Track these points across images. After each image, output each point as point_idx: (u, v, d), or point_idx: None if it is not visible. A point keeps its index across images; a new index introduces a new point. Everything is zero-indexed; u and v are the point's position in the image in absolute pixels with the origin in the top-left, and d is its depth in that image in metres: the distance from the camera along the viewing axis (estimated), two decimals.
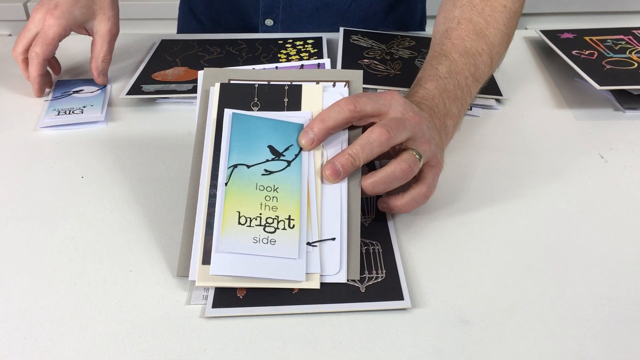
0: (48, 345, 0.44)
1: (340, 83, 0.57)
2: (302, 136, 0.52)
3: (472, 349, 0.44)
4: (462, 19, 0.68)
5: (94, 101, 0.76)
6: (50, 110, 0.74)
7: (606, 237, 0.55)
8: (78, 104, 0.75)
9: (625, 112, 0.74)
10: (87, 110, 0.74)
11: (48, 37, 0.75)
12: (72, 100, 0.77)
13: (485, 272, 0.51)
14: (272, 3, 0.95)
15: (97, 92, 0.78)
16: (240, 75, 0.58)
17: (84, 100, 0.76)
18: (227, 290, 0.48)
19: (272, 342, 0.44)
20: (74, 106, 0.75)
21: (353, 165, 0.51)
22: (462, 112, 0.63)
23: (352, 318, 0.46)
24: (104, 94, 0.78)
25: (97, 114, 0.73)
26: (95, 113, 0.73)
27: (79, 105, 0.75)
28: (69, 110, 0.74)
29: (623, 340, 0.45)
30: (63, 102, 0.76)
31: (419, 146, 0.53)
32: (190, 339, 0.45)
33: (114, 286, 0.49)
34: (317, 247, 0.49)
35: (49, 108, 0.75)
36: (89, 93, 0.78)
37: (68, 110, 0.74)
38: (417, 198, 0.54)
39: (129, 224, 0.56)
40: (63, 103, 0.76)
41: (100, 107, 0.74)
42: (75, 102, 0.76)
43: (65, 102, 0.76)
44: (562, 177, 0.62)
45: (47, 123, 0.71)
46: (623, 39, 0.86)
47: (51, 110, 0.74)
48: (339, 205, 0.51)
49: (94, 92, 0.78)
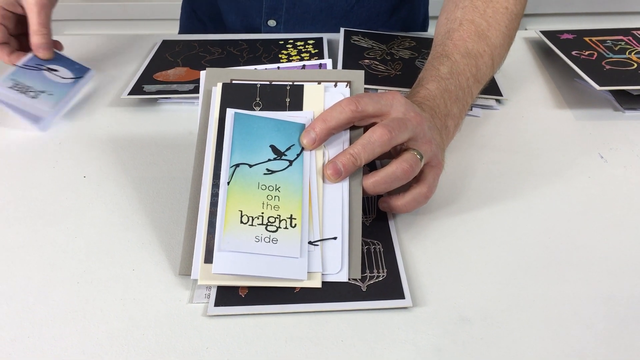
0: (51, 344, 0.44)
1: (342, 83, 0.57)
2: (303, 136, 0.53)
3: (473, 347, 0.44)
4: (464, 20, 0.68)
5: (57, 90, 0.70)
6: (8, 78, 0.70)
7: (606, 237, 0.55)
8: (39, 86, 0.70)
9: (625, 113, 0.74)
10: (40, 99, 0.68)
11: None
12: (39, 78, 0.71)
13: (486, 271, 0.51)
14: (275, 4, 0.95)
15: (70, 81, 0.73)
16: (242, 75, 0.58)
17: (49, 83, 0.71)
18: (229, 289, 0.48)
19: (273, 341, 0.44)
20: (33, 85, 0.69)
21: (354, 165, 0.51)
22: (463, 112, 0.63)
23: (353, 317, 0.46)
24: (74, 86, 0.73)
25: (41, 110, 0.67)
26: (42, 107, 0.67)
27: (39, 88, 0.70)
28: (25, 88, 0.68)
29: (623, 339, 0.45)
30: (28, 76, 0.70)
31: (420, 146, 0.53)
32: (193, 337, 0.45)
33: (117, 285, 0.49)
34: (318, 246, 0.50)
35: (10, 75, 0.70)
36: (61, 78, 0.72)
37: (24, 88, 0.68)
38: (417, 198, 0.54)
39: (131, 223, 0.56)
40: (28, 76, 0.70)
41: (54, 102, 0.69)
42: (40, 82, 0.70)
43: (31, 76, 0.70)
44: (562, 177, 0.63)
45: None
46: (623, 39, 0.86)
47: (10, 78, 0.70)
48: (341, 205, 0.52)
49: (67, 80, 0.73)
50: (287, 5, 0.95)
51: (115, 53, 0.89)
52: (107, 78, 0.82)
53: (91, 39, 0.95)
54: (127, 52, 0.90)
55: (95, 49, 0.91)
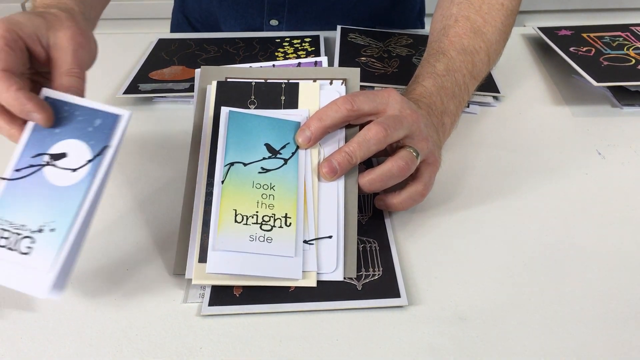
0: (44, 344, 0.44)
1: (338, 81, 0.57)
2: (299, 135, 0.52)
3: (469, 346, 0.44)
4: (459, 17, 0.68)
5: (61, 211, 0.44)
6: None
7: (604, 234, 0.54)
8: (36, 213, 0.44)
9: (622, 109, 0.73)
10: (36, 248, 0.43)
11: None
12: (36, 191, 0.45)
13: (482, 270, 0.51)
14: (277, 4, 0.94)
15: (84, 173, 0.45)
16: (237, 74, 0.57)
17: (52, 200, 0.44)
18: (224, 288, 0.48)
19: (268, 340, 0.44)
20: (27, 217, 0.44)
21: (350, 163, 0.51)
22: (459, 109, 0.63)
23: (348, 316, 0.46)
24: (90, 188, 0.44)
25: (42, 268, 0.42)
26: (40, 265, 0.42)
27: (36, 222, 0.44)
28: (15, 234, 0.44)
29: (621, 337, 0.45)
30: (20, 194, 0.45)
31: (416, 144, 0.53)
32: (187, 337, 0.44)
33: (111, 285, 0.49)
34: (313, 245, 0.49)
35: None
36: (71, 172, 0.45)
37: (15, 233, 0.44)
38: (413, 196, 0.54)
39: (125, 223, 0.56)
40: (19, 196, 0.45)
41: (58, 244, 0.43)
42: (37, 200, 0.44)
43: (24, 193, 0.45)
44: (559, 173, 0.62)
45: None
46: (621, 35, 0.86)
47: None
48: (336, 203, 0.51)
49: (79, 173, 0.45)
50: (289, 6, 0.94)
51: (110, 52, 0.88)
52: (102, 77, 0.82)
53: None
54: (122, 50, 0.89)
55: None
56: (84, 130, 0.46)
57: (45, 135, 0.47)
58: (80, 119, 0.47)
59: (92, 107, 0.47)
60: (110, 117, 0.46)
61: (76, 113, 0.47)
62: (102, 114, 0.47)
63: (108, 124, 0.46)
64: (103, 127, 0.46)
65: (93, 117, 0.47)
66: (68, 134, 0.46)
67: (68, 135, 0.46)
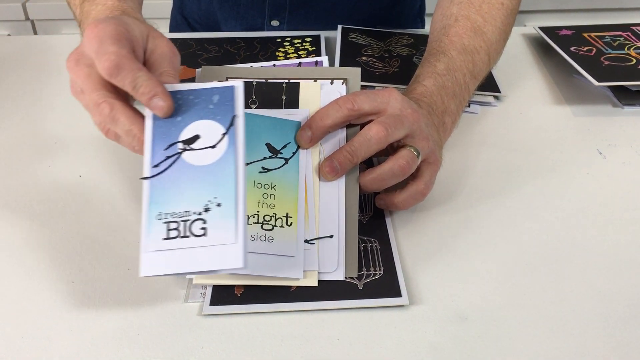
0: (46, 344, 0.44)
1: (338, 80, 0.57)
2: (299, 134, 0.52)
3: (470, 345, 0.44)
4: (459, 16, 0.68)
5: (222, 184, 0.44)
6: (154, 223, 0.44)
7: (605, 234, 0.54)
8: (194, 196, 0.44)
9: (623, 109, 0.73)
10: (212, 228, 0.43)
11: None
12: (184, 177, 0.45)
13: (483, 269, 0.51)
14: (278, 5, 0.94)
15: (224, 148, 0.45)
16: (237, 73, 0.58)
17: (204, 179, 0.44)
18: (225, 288, 0.48)
19: (269, 340, 0.44)
20: (187, 202, 0.44)
21: (351, 163, 0.51)
22: (460, 109, 0.63)
23: (349, 315, 0.46)
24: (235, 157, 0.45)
25: (228, 241, 0.42)
26: (225, 237, 0.42)
27: (198, 204, 0.44)
28: (182, 222, 0.43)
29: (621, 337, 0.45)
30: (168, 184, 0.45)
31: (417, 143, 0.53)
32: (188, 337, 0.44)
33: (112, 284, 0.49)
34: (314, 244, 0.49)
35: (150, 211, 0.44)
36: (211, 149, 0.45)
37: (181, 222, 0.43)
38: (414, 195, 0.54)
39: (126, 222, 0.56)
40: (169, 187, 0.45)
41: (232, 215, 0.43)
42: (190, 184, 0.44)
43: (172, 182, 0.45)
44: (560, 173, 0.62)
45: (152, 270, 0.43)
46: (622, 35, 0.86)
47: (155, 219, 0.44)
48: (337, 203, 0.51)
49: (220, 147, 0.45)
50: (290, 7, 0.94)
51: None
52: None
53: None
54: None
55: None
56: (205, 109, 0.47)
57: (168, 126, 0.47)
58: (197, 101, 0.47)
59: (205, 87, 0.48)
60: (226, 91, 0.47)
61: (190, 97, 0.47)
62: (217, 90, 0.47)
63: (227, 97, 0.47)
64: (223, 101, 0.47)
65: (209, 96, 0.47)
66: (191, 118, 0.47)
67: (192, 119, 0.46)
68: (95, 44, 0.46)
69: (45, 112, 0.74)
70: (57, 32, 1.73)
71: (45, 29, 1.74)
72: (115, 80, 0.45)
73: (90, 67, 0.47)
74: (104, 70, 0.45)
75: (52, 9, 1.69)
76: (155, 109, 0.46)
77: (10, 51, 0.89)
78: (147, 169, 0.46)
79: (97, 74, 0.47)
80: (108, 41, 0.46)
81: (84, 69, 0.47)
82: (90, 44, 0.47)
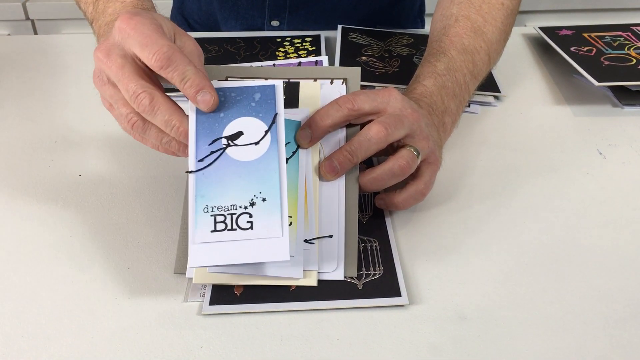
0: (45, 344, 0.44)
1: (338, 80, 0.57)
2: (299, 134, 0.52)
3: (469, 345, 0.44)
4: (459, 16, 0.68)
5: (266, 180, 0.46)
6: (201, 216, 0.45)
7: (605, 234, 0.54)
8: (238, 193, 0.46)
9: (623, 109, 0.73)
10: (258, 224, 0.45)
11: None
12: (228, 172, 0.46)
13: (483, 269, 0.51)
14: (278, 5, 0.94)
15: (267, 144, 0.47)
16: (238, 73, 0.57)
17: (249, 174, 0.46)
18: (225, 287, 0.48)
19: (268, 339, 0.44)
20: (232, 196, 0.45)
21: (351, 163, 0.51)
22: (460, 109, 0.63)
23: (349, 315, 0.46)
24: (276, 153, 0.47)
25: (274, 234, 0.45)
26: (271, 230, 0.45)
27: (244, 198, 0.45)
28: (229, 215, 0.45)
29: (621, 337, 0.45)
30: (213, 178, 0.46)
31: (417, 143, 0.53)
32: (187, 336, 0.44)
33: (111, 284, 0.49)
34: (314, 244, 0.49)
35: (197, 207, 0.46)
36: (254, 146, 0.47)
37: (229, 216, 0.45)
38: (414, 195, 0.54)
39: (126, 222, 0.56)
40: (213, 181, 0.46)
41: (277, 209, 0.45)
42: (234, 180, 0.46)
43: (217, 176, 0.46)
44: (560, 173, 0.62)
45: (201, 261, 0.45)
46: (622, 35, 0.85)
47: (202, 214, 0.45)
48: (337, 203, 0.51)
49: (263, 144, 0.48)
50: (290, 7, 0.94)
51: None
52: None
53: (88, 38, 0.95)
54: None
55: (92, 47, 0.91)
56: (247, 106, 0.48)
57: (211, 122, 0.48)
58: (238, 98, 0.49)
59: (247, 85, 0.49)
60: (267, 89, 0.49)
61: (232, 95, 0.49)
62: (258, 89, 0.49)
63: (268, 95, 0.49)
64: (264, 99, 0.49)
65: (251, 93, 0.49)
66: (234, 115, 0.48)
67: (234, 116, 0.48)
68: (138, 36, 0.46)
69: (45, 112, 0.74)
70: (57, 32, 1.73)
71: (46, 28, 1.74)
72: (165, 71, 0.46)
73: (124, 58, 0.47)
74: (156, 62, 0.46)
75: (53, 8, 1.69)
76: (201, 102, 0.47)
77: (10, 51, 0.89)
78: (192, 163, 0.47)
79: (133, 65, 0.47)
80: (154, 34, 0.46)
81: (117, 59, 0.47)
82: (131, 36, 0.47)
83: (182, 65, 0.46)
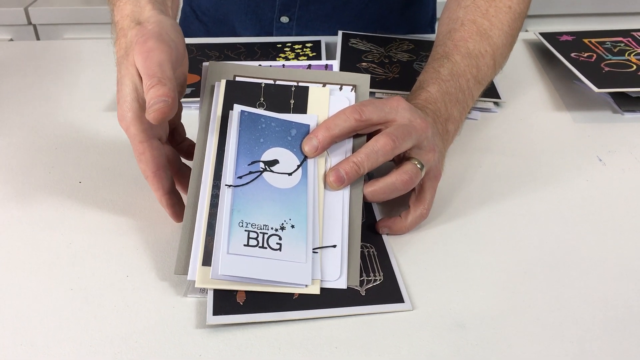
0: (44, 351, 0.44)
1: (347, 87, 0.57)
2: (306, 143, 0.52)
3: (468, 353, 0.44)
4: (465, 20, 0.67)
5: (296, 208, 0.50)
6: (236, 229, 0.48)
7: (604, 240, 0.54)
8: (272, 215, 0.49)
9: (623, 115, 0.73)
10: (286, 246, 0.48)
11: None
12: (262, 196, 0.49)
13: (482, 276, 0.51)
14: (289, 0, 0.94)
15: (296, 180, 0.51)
16: (245, 71, 0.56)
17: (282, 201, 0.49)
18: (227, 296, 0.47)
19: (267, 347, 0.44)
20: (265, 216, 0.48)
21: (357, 173, 0.51)
22: (463, 115, 0.63)
23: (347, 323, 0.46)
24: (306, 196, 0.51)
25: (299, 260, 0.48)
26: (296, 256, 0.48)
27: (277, 220, 0.49)
28: (262, 234, 0.48)
29: (621, 344, 0.44)
30: (249, 198, 0.49)
31: (423, 155, 0.53)
32: (186, 344, 0.44)
33: (111, 291, 0.49)
34: (317, 253, 0.49)
35: (233, 220, 0.48)
36: (287, 176, 0.51)
37: (261, 234, 0.48)
38: (418, 220, 0.55)
39: (126, 229, 0.56)
40: (249, 200, 0.49)
41: (302, 239, 0.49)
42: (268, 206, 0.49)
43: (253, 197, 0.49)
44: (560, 180, 0.62)
45: (230, 271, 0.46)
46: (622, 41, 0.86)
47: (238, 227, 0.48)
48: (341, 212, 0.51)
49: (295, 172, 0.51)
50: (300, 2, 0.94)
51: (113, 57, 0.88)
52: (103, 82, 0.82)
53: (90, 44, 0.95)
54: None
55: (92, 52, 0.91)
56: (284, 139, 0.53)
57: (252, 145, 0.52)
58: (277, 129, 0.53)
59: (286, 120, 0.54)
60: (302, 127, 0.54)
61: (272, 124, 0.53)
62: (295, 125, 0.54)
63: (302, 133, 0.53)
64: (298, 135, 0.53)
65: (288, 128, 0.53)
66: (272, 143, 0.52)
67: (272, 144, 0.52)
68: (143, 69, 0.50)
69: (47, 118, 0.74)
70: (59, 37, 1.74)
71: (48, 33, 1.74)
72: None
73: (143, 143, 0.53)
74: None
75: (55, 13, 1.70)
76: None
77: (12, 56, 0.89)
78: (230, 178, 0.50)
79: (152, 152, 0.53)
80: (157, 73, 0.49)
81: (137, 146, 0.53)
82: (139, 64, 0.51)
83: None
